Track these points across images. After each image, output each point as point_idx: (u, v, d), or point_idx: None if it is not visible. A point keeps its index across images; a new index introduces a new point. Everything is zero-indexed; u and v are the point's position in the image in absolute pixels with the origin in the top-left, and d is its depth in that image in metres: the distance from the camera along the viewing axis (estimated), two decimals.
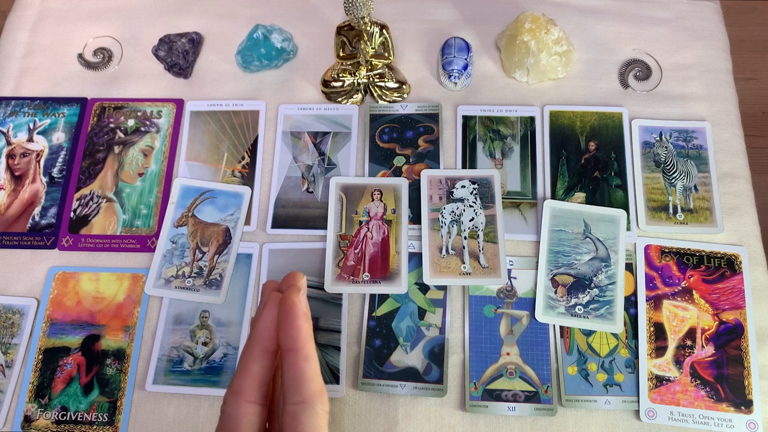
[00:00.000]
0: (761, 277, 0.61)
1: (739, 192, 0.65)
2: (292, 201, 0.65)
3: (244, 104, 0.70)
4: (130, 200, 0.66)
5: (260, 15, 0.76)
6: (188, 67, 0.72)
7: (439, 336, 0.59)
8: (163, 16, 0.77)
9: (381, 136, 0.68)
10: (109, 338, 0.59)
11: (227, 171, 0.67)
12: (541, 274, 0.61)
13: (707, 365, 0.57)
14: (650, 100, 0.70)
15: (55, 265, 0.63)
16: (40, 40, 0.76)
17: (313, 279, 0.61)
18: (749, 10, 1.50)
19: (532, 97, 0.70)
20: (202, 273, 0.62)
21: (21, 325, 0.60)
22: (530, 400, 0.56)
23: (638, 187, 0.65)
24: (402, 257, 0.62)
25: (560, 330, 0.59)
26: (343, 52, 0.67)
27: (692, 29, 0.74)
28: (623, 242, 0.62)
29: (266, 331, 0.34)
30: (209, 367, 0.58)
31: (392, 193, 0.65)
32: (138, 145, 0.68)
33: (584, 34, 0.74)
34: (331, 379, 0.57)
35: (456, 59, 0.68)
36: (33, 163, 0.68)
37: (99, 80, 0.73)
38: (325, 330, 0.59)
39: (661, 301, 0.60)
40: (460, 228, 0.63)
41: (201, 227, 0.64)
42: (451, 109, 0.70)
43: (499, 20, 0.75)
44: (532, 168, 0.66)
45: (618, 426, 0.56)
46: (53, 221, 0.65)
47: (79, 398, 0.57)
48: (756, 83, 1.43)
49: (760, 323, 0.59)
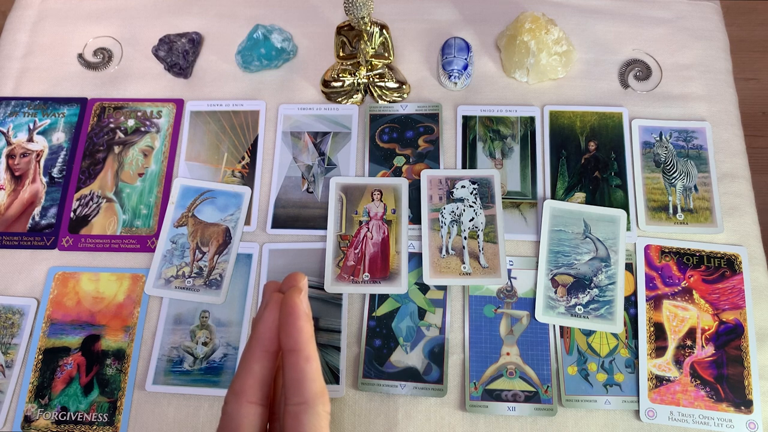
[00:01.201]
0: (761, 277, 0.61)
1: (739, 192, 0.65)
2: (292, 201, 0.65)
3: (244, 104, 0.70)
4: (130, 200, 0.66)
5: (260, 15, 0.76)
6: (188, 67, 0.72)
7: (439, 336, 0.59)
8: (163, 16, 0.77)
9: (381, 136, 0.68)
10: (109, 338, 0.59)
11: (227, 171, 0.67)
12: (541, 274, 0.61)
13: (707, 365, 0.57)
14: (650, 100, 0.70)
15: (55, 265, 0.63)
16: (40, 40, 0.76)
17: (313, 279, 0.61)
18: (749, 10, 1.50)
19: (532, 97, 0.70)
20: (202, 273, 0.62)
21: (21, 325, 0.60)
22: (530, 400, 0.56)
23: (638, 187, 0.65)
24: (402, 257, 0.62)
25: (560, 330, 0.59)
26: (343, 52, 0.67)
27: (692, 29, 0.74)
28: (623, 242, 0.62)
29: (267, 331, 0.34)
30: (209, 367, 0.58)
31: (392, 193, 0.65)
32: (138, 145, 0.68)
33: (584, 34, 0.74)
34: (331, 379, 0.57)
35: (456, 59, 0.68)
36: (33, 163, 0.68)
37: (99, 80, 0.73)
38: (325, 330, 0.59)
39: (661, 301, 0.60)
40: (460, 228, 0.62)
41: (201, 227, 0.64)
42: (451, 109, 0.70)
43: (499, 20, 0.75)
44: (532, 168, 0.66)
45: (618, 426, 0.56)
46: (53, 221, 0.65)
47: (79, 398, 0.57)
48: (756, 83, 1.43)
49: (760, 323, 0.59)
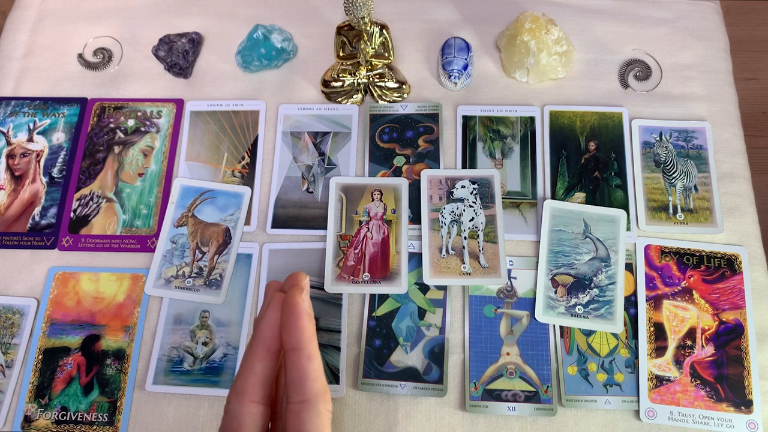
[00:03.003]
0: (761, 277, 0.61)
1: (739, 192, 0.65)
2: (292, 201, 0.65)
3: (244, 104, 0.70)
4: (130, 200, 0.66)
5: (260, 15, 0.76)
6: (188, 67, 0.72)
7: (439, 336, 0.59)
8: (163, 16, 0.77)
9: (381, 136, 0.68)
10: (109, 338, 0.59)
11: (227, 171, 0.67)
12: (541, 274, 0.61)
13: (707, 365, 0.57)
14: (650, 100, 0.70)
15: (55, 265, 0.63)
16: (40, 40, 0.76)
17: (313, 279, 0.61)
18: (749, 10, 1.50)
19: (532, 97, 0.70)
20: (202, 273, 0.62)
21: (21, 325, 0.60)
22: (530, 400, 0.56)
23: (638, 187, 0.65)
24: (402, 257, 0.62)
25: (560, 330, 0.59)
26: (343, 52, 0.67)
27: (692, 29, 0.74)
28: (623, 242, 0.62)
29: (269, 330, 0.34)
30: (209, 367, 0.58)
31: (392, 193, 0.65)
32: (138, 145, 0.68)
33: (584, 34, 0.74)
34: (331, 379, 0.57)
35: (456, 59, 0.68)
36: (33, 163, 0.68)
37: (99, 80, 0.73)
38: (325, 330, 0.59)
39: (661, 301, 0.60)
40: (460, 228, 0.62)
41: (201, 227, 0.64)
42: (451, 109, 0.70)
43: (499, 20, 0.75)
44: (532, 168, 0.66)
45: (618, 426, 0.56)
46: (53, 221, 0.65)
47: (79, 398, 0.57)
48: (756, 83, 1.43)
49: (760, 323, 0.59)
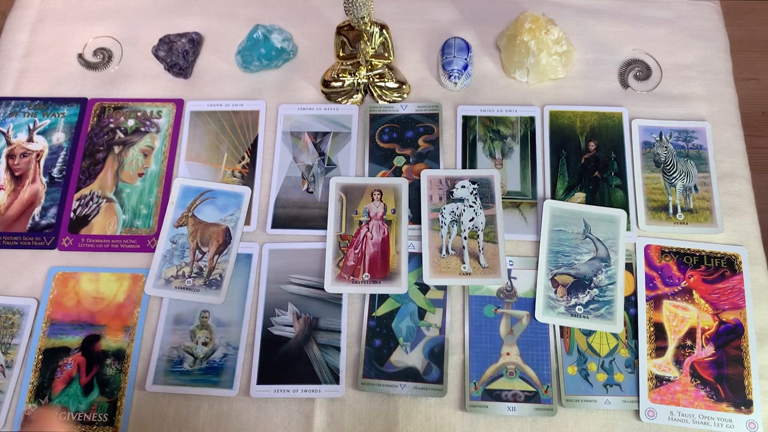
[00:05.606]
0: (761, 277, 0.61)
1: (739, 192, 0.65)
2: (292, 201, 0.65)
3: (244, 104, 0.70)
4: (130, 200, 0.66)
5: (260, 15, 0.76)
6: (188, 67, 0.72)
7: (439, 336, 0.59)
8: (163, 16, 0.77)
9: (381, 136, 0.68)
10: (109, 338, 0.59)
11: (227, 171, 0.67)
12: (541, 274, 0.61)
13: (707, 365, 0.57)
14: (650, 100, 0.70)
15: (55, 266, 0.63)
16: (40, 40, 0.76)
17: (313, 279, 0.61)
18: (749, 10, 1.50)
19: (532, 97, 0.70)
20: (202, 273, 0.62)
21: (21, 326, 0.60)
22: (530, 400, 0.56)
23: (638, 187, 0.65)
24: (402, 257, 0.62)
25: (560, 330, 0.59)
26: (343, 52, 0.67)
27: (692, 29, 0.74)
28: (623, 242, 0.61)
29: None
30: (209, 367, 0.58)
31: (392, 193, 0.65)
32: (138, 145, 0.68)
33: (584, 34, 0.74)
34: (331, 379, 0.57)
35: (456, 59, 0.68)
36: (33, 163, 0.68)
37: (99, 80, 0.73)
38: (325, 330, 0.59)
39: (661, 301, 0.60)
40: (460, 228, 0.62)
41: (201, 227, 0.64)
42: (451, 109, 0.70)
43: (499, 20, 0.75)
44: (532, 168, 0.66)
45: (618, 426, 0.56)
46: (53, 221, 0.65)
47: (79, 398, 0.57)
48: (756, 83, 1.43)
49: (760, 323, 0.59)
